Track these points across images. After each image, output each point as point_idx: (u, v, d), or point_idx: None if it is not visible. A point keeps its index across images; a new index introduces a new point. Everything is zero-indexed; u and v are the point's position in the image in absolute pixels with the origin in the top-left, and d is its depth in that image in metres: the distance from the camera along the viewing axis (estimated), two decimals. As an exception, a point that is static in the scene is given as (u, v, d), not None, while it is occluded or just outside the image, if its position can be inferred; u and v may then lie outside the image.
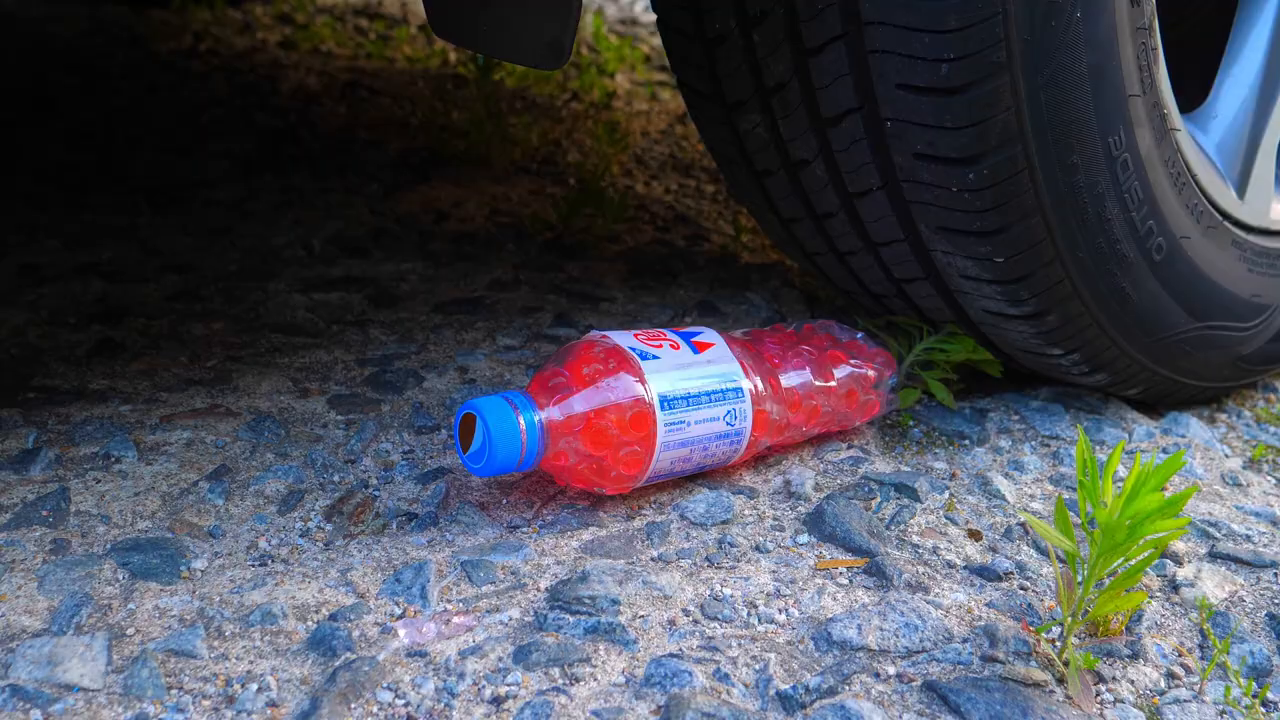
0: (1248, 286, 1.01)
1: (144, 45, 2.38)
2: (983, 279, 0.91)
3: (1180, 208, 0.93)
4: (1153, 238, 0.92)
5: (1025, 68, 0.79)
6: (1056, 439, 1.00)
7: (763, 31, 0.89)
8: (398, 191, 1.64)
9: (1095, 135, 0.84)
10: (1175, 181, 0.92)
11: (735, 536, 0.81)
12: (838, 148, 0.91)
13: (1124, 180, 0.87)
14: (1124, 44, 0.83)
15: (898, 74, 0.82)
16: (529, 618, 0.71)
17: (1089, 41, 0.81)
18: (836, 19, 0.83)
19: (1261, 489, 0.95)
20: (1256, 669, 0.72)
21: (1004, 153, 0.82)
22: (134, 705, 0.63)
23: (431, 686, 0.65)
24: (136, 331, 1.13)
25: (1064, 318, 0.93)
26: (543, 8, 0.74)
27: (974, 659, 0.70)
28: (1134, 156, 0.87)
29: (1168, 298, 0.95)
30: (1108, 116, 0.84)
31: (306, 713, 0.62)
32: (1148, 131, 0.88)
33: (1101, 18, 0.81)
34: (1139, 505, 0.65)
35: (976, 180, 0.83)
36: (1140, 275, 0.92)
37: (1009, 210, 0.85)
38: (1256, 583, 0.81)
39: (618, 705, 0.64)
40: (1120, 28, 0.83)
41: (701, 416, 0.82)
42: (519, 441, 0.77)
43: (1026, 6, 0.78)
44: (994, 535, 0.84)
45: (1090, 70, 0.82)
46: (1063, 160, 0.84)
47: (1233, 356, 1.04)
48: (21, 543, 0.78)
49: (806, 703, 0.65)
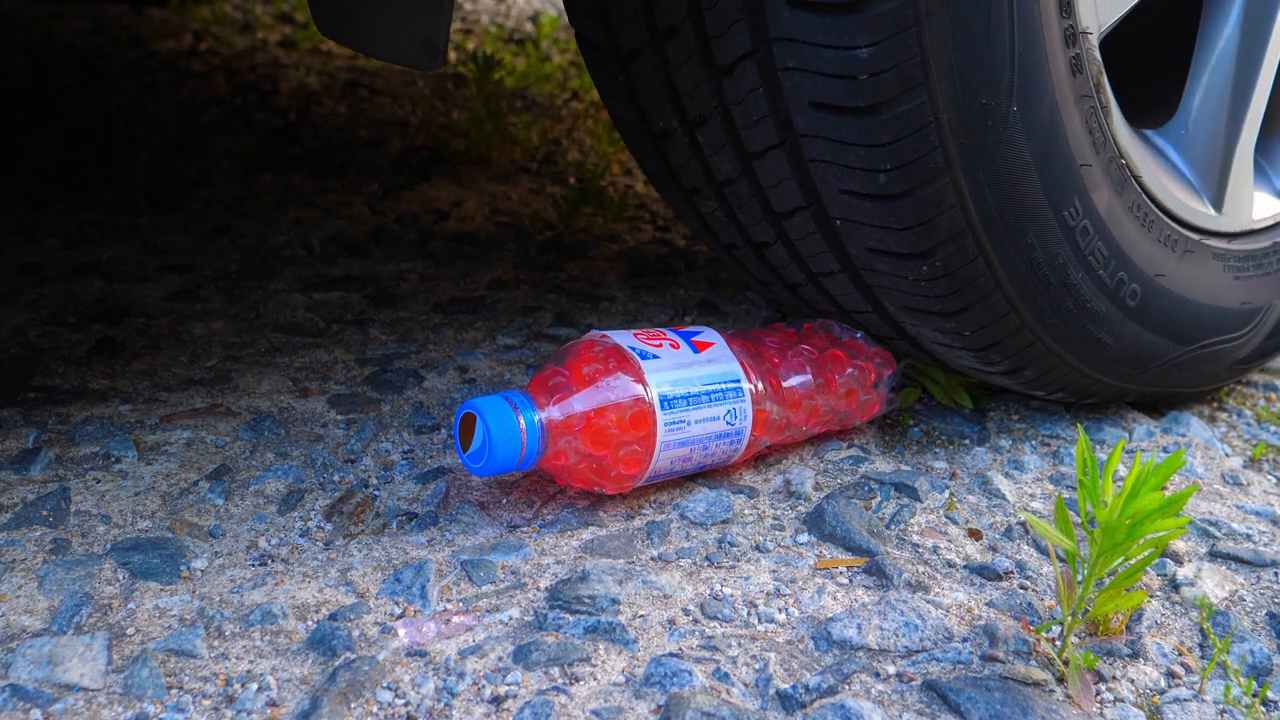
0: (1236, 295, 1.00)
1: (144, 45, 2.38)
2: (954, 346, 0.91)
3: (1152, 246, 0.91)
4: (1125, 287, 0.90)
5: (965, 168, 0.78)
6: (1056, 438, 1.00)
7: (707, 134, 0.89)
8: (398, 191, 1.64)
9: (1048, 214, 0.83)
10: (1143, 223, 0.90)
11: (735, 536, 0.81)
12: (794, 237, 0.92)
13: (1086, 245, 0.86)
14: (1069, 119, 0.81)
15: (839, 181, 0.82)
16: (529, 617, 0.71)
17: (1030, 130, 0.79)
18: (773, 129, 0.83)
19: (1262, 488, 0.95)
20: (1257, 668, 0.72)
21: (954, 245, 0.82)
22: (134, 705, 0.63)
23: (431, 686, 0.65)
24: (136, 331, 1.13)
25: (1041, 370, 0.93)
26: (414, 7, 0.74)
27: (974, 658, 0.70)
28: (1094, 220, 0.86)
29: (1150, 334, 0.94)
30: (1060, 193, 0.83)
31: (306, 712, 0.62)
32: (1106, 190, 0.86)
33: (1041, 105, 0.79)
34: (1139, 504, 0.65)
35: (931, 271, 0.83)
36: (1116, 324, 0.91)
37: (968, 293, 0.85)
38: (1257, 582, 0.81)
39: (618, 705, 0.64)
40: (1063, 106, 0.80)
41: (701, 416, 0.82)
42: (519, 441, 0.77)
43: (959, 112, 0.76)
44: (994, 534, 0.84)
45: (1035, 157, 0.80)
46: (1017, 243, 0.83)
47: (1229, 362, 1.04)
48: (21, 542, 0.78)
49: (806, 702, 0.65)
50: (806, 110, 0.79)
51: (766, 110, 0.82)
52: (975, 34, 0.74)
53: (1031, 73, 0.77)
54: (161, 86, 2.09)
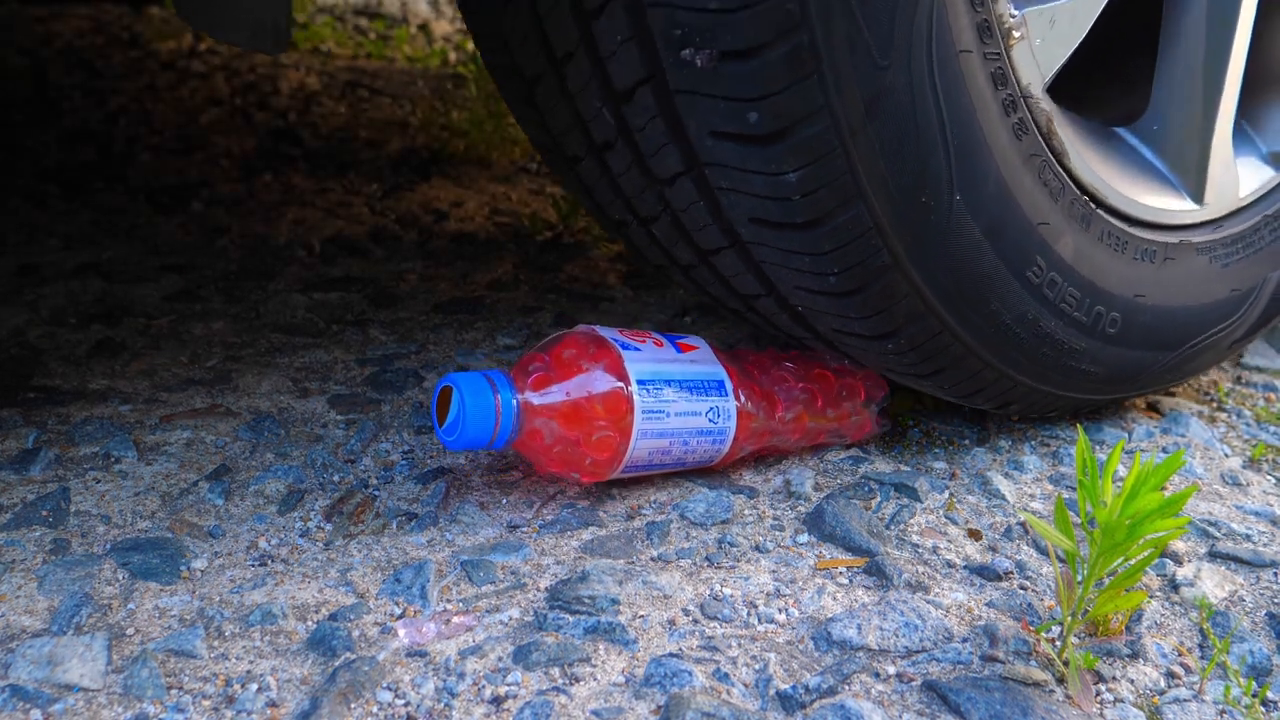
0: (1224, 285, 0.98)
1: (144, 45, 2.38)
2: (939, 393, 0.92)
3: (1128, 268, 0.89)
4: (1103, 318, 0.89)
5: (914, 261, 0.78)
6: (1056, 438, 1.00)
7: (661, 230, 0.90)
8: (398, 191, 1.64)
9: (1010, 279, 0.82)
10: (1116, 248, 0.88)
11: (735, 536, 0.81)
12: (763, 312, 0.93)
13: (1055, 295, 0.85)
14: (1019, 184, 0.80)
15: (792, 279, 0.83)
16: (529, 617, 0.71)
17: (977, 211, 0.78)
18: (718, 234, 0.84)
19: (1261, 488, 0.95)
20: (1256, 668, 0.72)
21: (917, 325, 0.82)
22: (134, 705, 0.63)
23: (431, 686, 0.65)
24: (136, 331, 1.13)
25: (1028, 404, 0.94)
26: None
27: (974, 658, 0.70)
28: (1061, 269, 0.84)
29: (1138, 352, 0.93)
30: (1019, 257, 0.82)
31: (306, 713, 0.62)
32: (1070, 235, 0.84)
33: (985, 183, 0.78)
34: (1139, 505, 0.65)
35: (897, 347, 0.84)
36: (1098, 353, 0.91)
37: (939, 359, 0.85)
38: (1256, 582, 0.81)
39: (618, 705, 0.64)
40: (1010, 176, 0.79)
41: (682, 409, 0.82)
42: (493, 417, 0.77)
43: (899, 215, 0.76)
44: (994, 535, 0.84)
45: (987, 232, 0.79)
46: (981, 312, 0.83)
47: (1227, 345, 1.03)
48: (21, 543, 0.78)
49: (806, 702, 0.65)
50: (747, 224, 0.80)
51: (709, 220, 0.83)
52: (904, 141, 0.73)
53: (970, 159, 0.76)
54: (161, 86, 2.09)
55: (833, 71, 0.69)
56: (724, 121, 0.72)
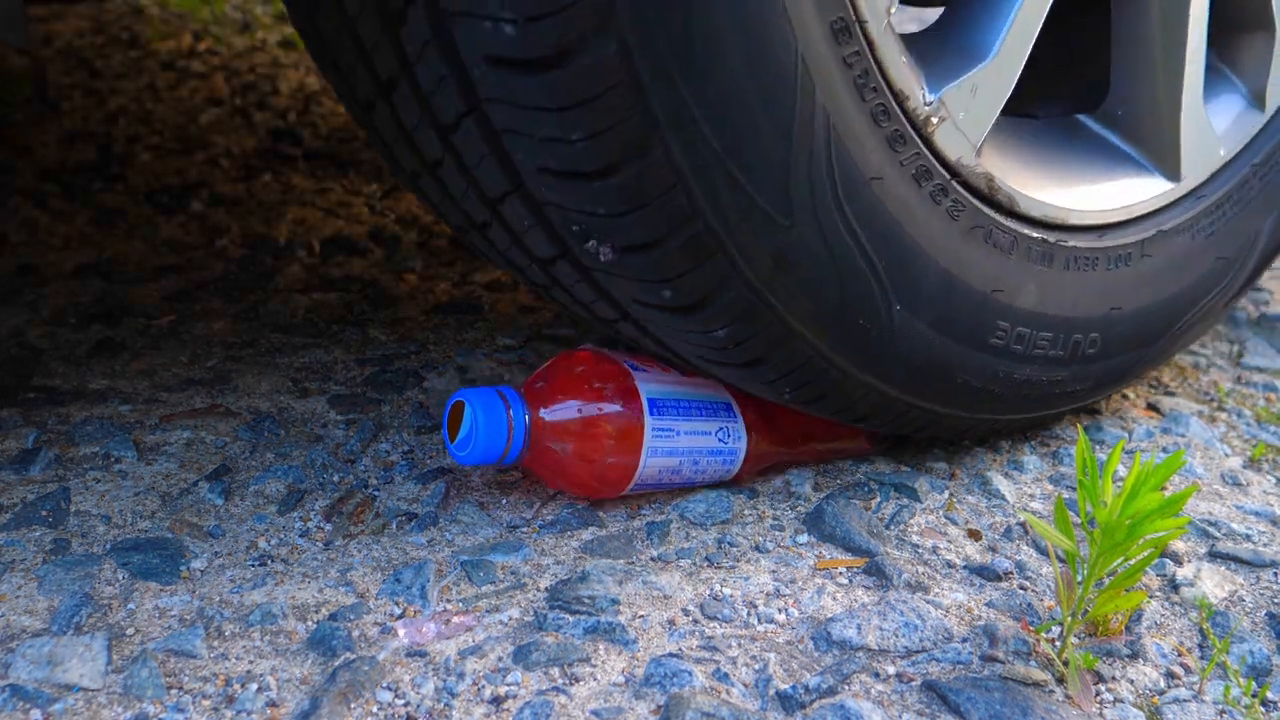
0: (1209, 256, 0.94)
1: (144, 45, 2.38)
2: (921, 435, 0.93)
3: (1101, 283, 0.87)
4: (1081, 344, 0.87)
5: (866, 368, 0.78)
6: (1056, 438, 1.00)
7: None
8: (398, 191, 1.64)
9: (973, 353, 0.82)
10: (1086, 268, 0.85)
11: (735, 536, 0.81)
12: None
13: (1026, 348, 0.84)
14: (964, 264, 0.78)
15: (748, 391, 0.84)
16: (529, 617, 0.71)
17: (921, 312, 0.77)
18: (632, 330, 0.82)
19: (1261, 488, 0.95)
20: (1256, 668, 0.72)
21: (884, 411, 0.84)
22: (134, 705, 0.63)
23: (431, 686, 0.65)
24: (136, 331, 1.13)
25: (1015, 426, 0.94)
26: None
27: (974, 659, 0.70)
28: (1027, 320, 0.83)
29: (1124, 356, 0.92)
30: (978, 333, 0.81)
31: (306, 713, 0.62)
32: (1032, 283, 0.82)
33: (926, 283, 0.76)
34: (1139, 505, 0.65)
35: (869, 427, 0.88)
36: (1081, 374, 0.89)
37: (914, 424, 0.87)
38: (1256, 582, 0.81)
39: (617, 705, 0.64)
40: (953, 264, 0.77)
41: (692, 428, 0.82)
42: (504, 434, 0.77)
43: (844, 345, 0.76)
44: (994, 535, 0.84)
45: (936, 325, 0.79)
46: (949, 385, 0.83)
47: (1220, 307, 1.00)
48: (21, 543, 0.78)
49: (806, 702, 0.65)
50: (695, 361, 0.80)
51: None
52: (824, 280, 0.72)
53: (905, 268, 0.75)
54: (161, 86, 2.09)
55: (735, 245, 0.69)
56: (643, 294, 0.72)
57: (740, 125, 0.65)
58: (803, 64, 0.65)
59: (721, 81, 0.63)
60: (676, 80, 0.62)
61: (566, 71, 0.61)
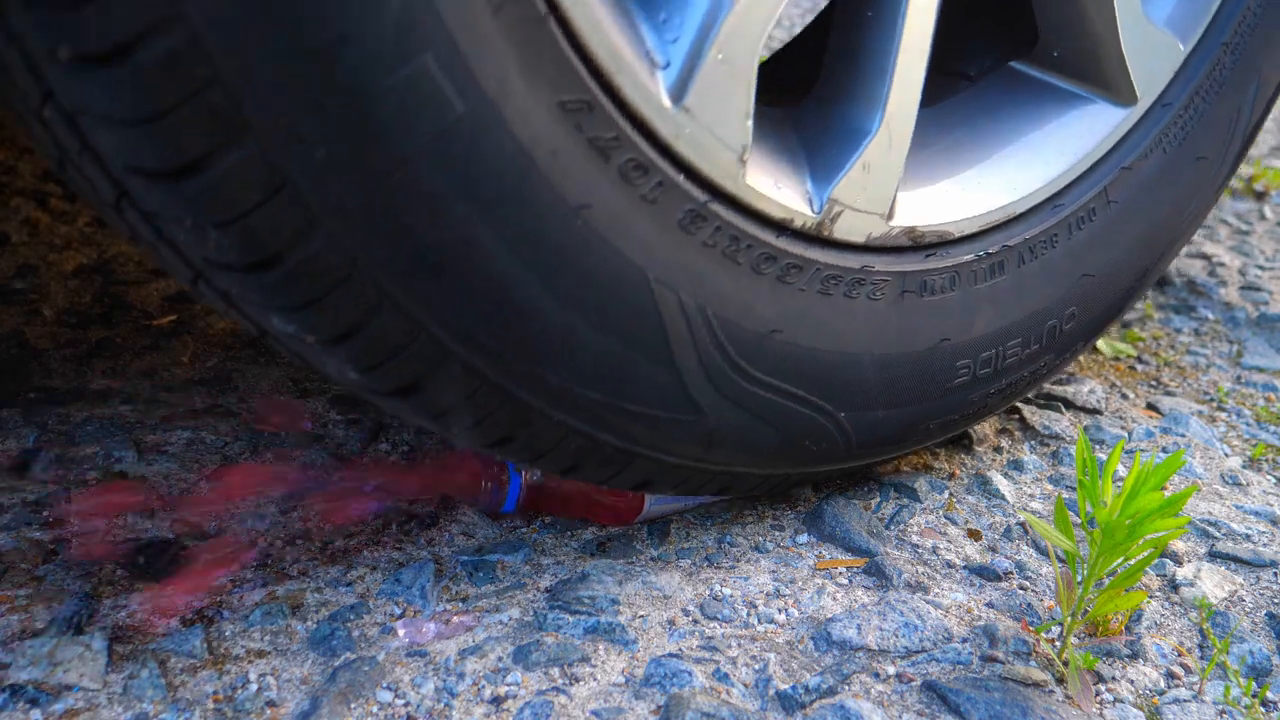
0: (1189, 162, 0.86)
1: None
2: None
3: (1077, 261, 0.82)
4: (1059, 330, 0.84)
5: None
6: (1056, 438, 1.00)
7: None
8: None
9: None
10: (1045, 248, 0.80)
11: (735, 536, 0.81)
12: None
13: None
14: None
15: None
16: (529, 617, 0.71)
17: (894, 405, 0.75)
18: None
19: (1261, 488, 0.95)
20: (1256, 669, 0.72)
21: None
22: (134, 705, 0.63)
23: (431, 686, 0.65)
24: (136, 331, 1.13)
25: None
26: None
27: (973, 659, 0.70)
28: (998, 361, 0.81)
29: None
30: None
31: (306, 713, 0.62)
32: (988, 314, 0.78)
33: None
34: (1139, 505, 0.65)
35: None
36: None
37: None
38: (1256, 582, 0.81)
39: (617, 705, 0.64)
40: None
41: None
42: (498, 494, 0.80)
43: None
44: (993, 535, 0.84)
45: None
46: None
47: (1213, 199, 0.94)
48: (22, 543, 0.78)
49: (806, 702, 0.65)
50: None
51: None
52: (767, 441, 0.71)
53: (840, 378, 0.72)
54: (161, 86, 2.09)
55: (665, 453, 0.69)
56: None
57: (625, 384, 0.63)
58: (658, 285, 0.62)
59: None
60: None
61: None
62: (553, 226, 0.57)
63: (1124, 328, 1.28)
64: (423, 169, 0.52)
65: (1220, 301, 1.36)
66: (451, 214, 0.54)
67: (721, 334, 0.65)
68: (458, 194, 0.54)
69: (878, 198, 0.70)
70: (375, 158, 0.51)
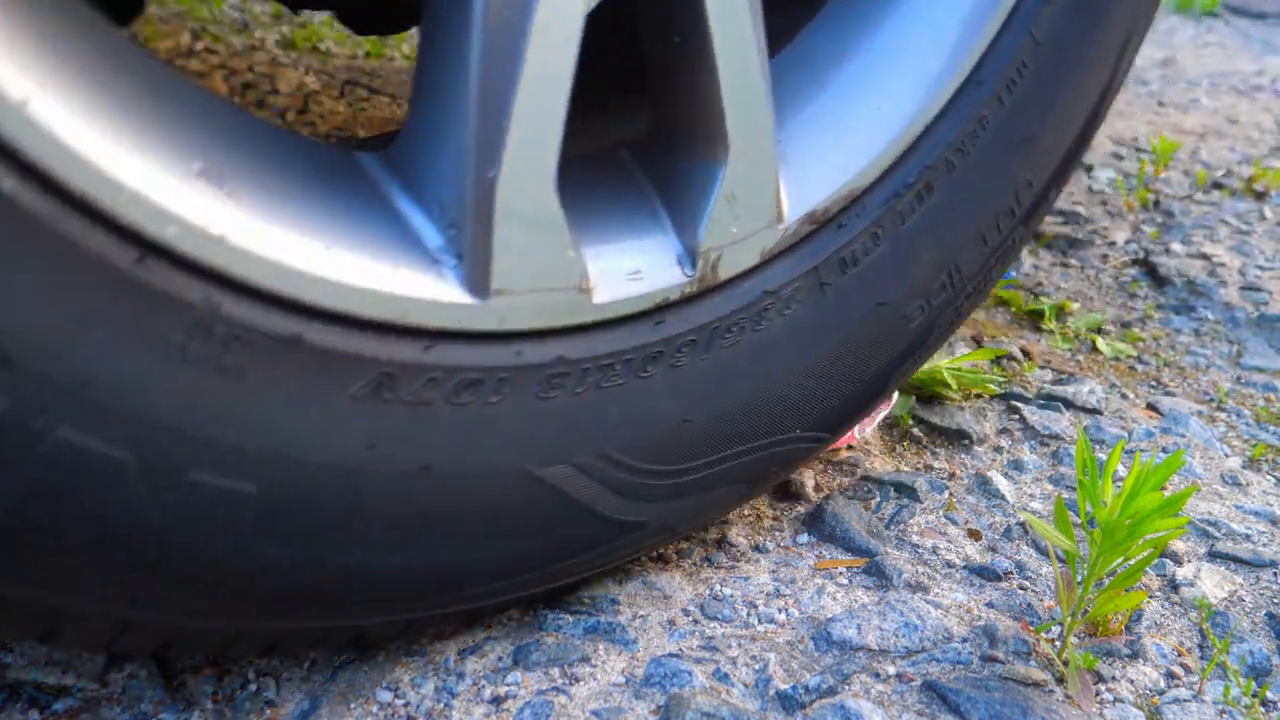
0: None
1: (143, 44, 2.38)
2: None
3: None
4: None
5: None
6: (1056, 438, 1.00)
7: None
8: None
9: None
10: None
11: (735, 536, 0.81)
12: None
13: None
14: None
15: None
16: (528, 617, 0.71)
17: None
18: None
19: (1261, 488, 0.95)
20: (1256, 669, 0.72)
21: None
22: (134, 705, 0.63)
23: (431, 686, 0.65)
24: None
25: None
26: None
27: (973, 659, 0.70)
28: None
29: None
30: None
31: (306, 713, 0.62)
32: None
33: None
34: (1139, 505, 0.65)
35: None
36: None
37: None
38: (1256, 582, 0.81)
39: (617, 705, 0.64)
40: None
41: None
42: None
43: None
44: (993, 535, 0.84)
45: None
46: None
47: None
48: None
49: (806, 702, 0.65)
50: None
51: None
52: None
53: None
54: (160, 85, 2.09)
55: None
56: None
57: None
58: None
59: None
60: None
61: None
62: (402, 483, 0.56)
63: (1124, 328, 1.28)
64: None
65: (1220, 301, 1.36)
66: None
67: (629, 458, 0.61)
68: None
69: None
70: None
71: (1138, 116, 2.25)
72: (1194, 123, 2.23)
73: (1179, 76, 2.65)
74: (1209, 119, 2.27)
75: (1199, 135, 2.13)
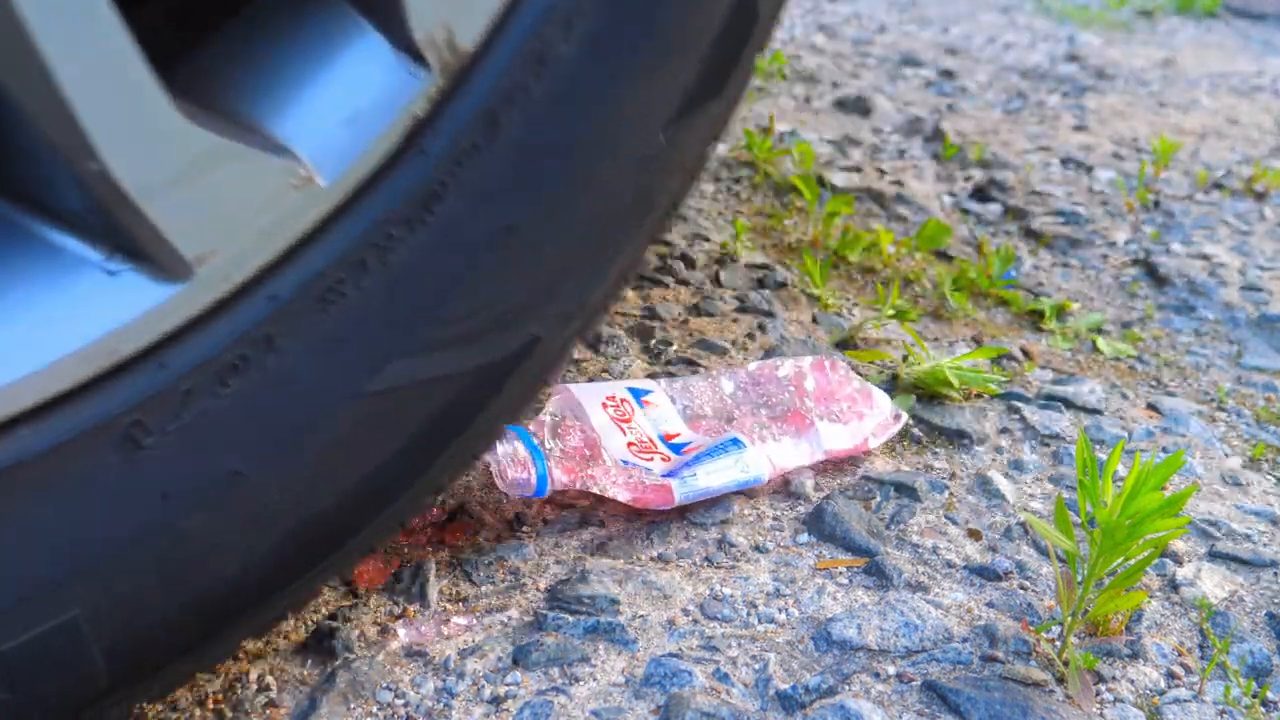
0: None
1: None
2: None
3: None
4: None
5: None
6: (1056, 438, 1.00)
7: None
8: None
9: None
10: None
11: (735, 536, 0.81)
12: None
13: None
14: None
15: None
16: (528, 617, 0.71)
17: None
18: None
19: (1261, 488, 0.95)
20: (1256, 669, 0.72)
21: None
22: (133, 705, 0.63)
23: (431, 686, 0.65)
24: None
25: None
26: None
27: (974, 659, 0.69)
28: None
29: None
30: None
31: (306, 712, 0.62)
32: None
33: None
34: (1139, 504, 0.65)
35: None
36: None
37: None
38: (1256, 582, 0.81)
39: (617, 705, 0.64)
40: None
41: (710, 469, 0.82)
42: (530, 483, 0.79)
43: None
44: (994, 535, 0.84)
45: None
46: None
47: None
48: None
49: (806, 702, 0.65)
50: None
51: None
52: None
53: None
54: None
55: None
56: None
57: None
58: None
59: None
60: None
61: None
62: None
63: (1124, 328, 1.28)
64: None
65: (1220, 301, 1.36)
66: None
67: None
68: None
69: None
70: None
71: (1138, 117, 2.25)
72: (1194, 123, 2.23)
73: (1179, 77, 2.65)
74: (1209, 119, 2.27)
75: (1199, 136, 2.13)
